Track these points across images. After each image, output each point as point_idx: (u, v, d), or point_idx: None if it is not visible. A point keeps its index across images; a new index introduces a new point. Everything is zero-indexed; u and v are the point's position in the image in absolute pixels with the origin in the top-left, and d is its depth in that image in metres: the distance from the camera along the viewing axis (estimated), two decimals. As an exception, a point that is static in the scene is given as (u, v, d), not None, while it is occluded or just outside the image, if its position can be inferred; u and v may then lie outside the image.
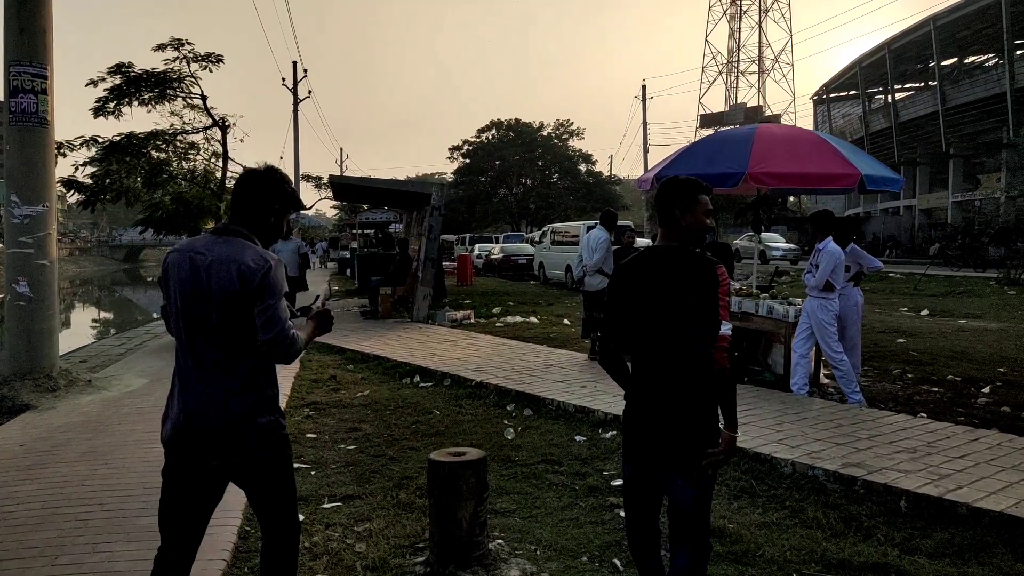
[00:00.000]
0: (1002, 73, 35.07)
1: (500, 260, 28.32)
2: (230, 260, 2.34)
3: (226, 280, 2.32)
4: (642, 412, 2.66)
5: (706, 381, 2.60)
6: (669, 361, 2.61)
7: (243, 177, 2.52)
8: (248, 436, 2.38)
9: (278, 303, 2.35)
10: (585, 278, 9.01)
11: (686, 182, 2.75)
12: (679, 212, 2.69)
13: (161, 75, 23.66)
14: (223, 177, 25.25)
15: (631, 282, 2.70)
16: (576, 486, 4.63)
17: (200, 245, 2.42)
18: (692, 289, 2.61)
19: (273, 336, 2.32)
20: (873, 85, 50.23)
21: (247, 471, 2.43)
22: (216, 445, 2.36)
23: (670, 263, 2.67)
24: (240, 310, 2.33)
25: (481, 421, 6.25)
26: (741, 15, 73.79)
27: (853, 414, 6.02)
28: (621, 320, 2.71)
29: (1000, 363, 8.70)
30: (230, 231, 2.44)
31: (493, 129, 52.32)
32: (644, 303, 2.65)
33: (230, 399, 2.35)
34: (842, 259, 6.79)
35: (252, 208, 2.48)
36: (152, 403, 7.04)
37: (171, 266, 2.43)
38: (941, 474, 4.39)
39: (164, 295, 2.49)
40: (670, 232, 2.73)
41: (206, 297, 2.34)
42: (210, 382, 2.36)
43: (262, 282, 2.32)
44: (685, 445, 2.57)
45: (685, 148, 8.23)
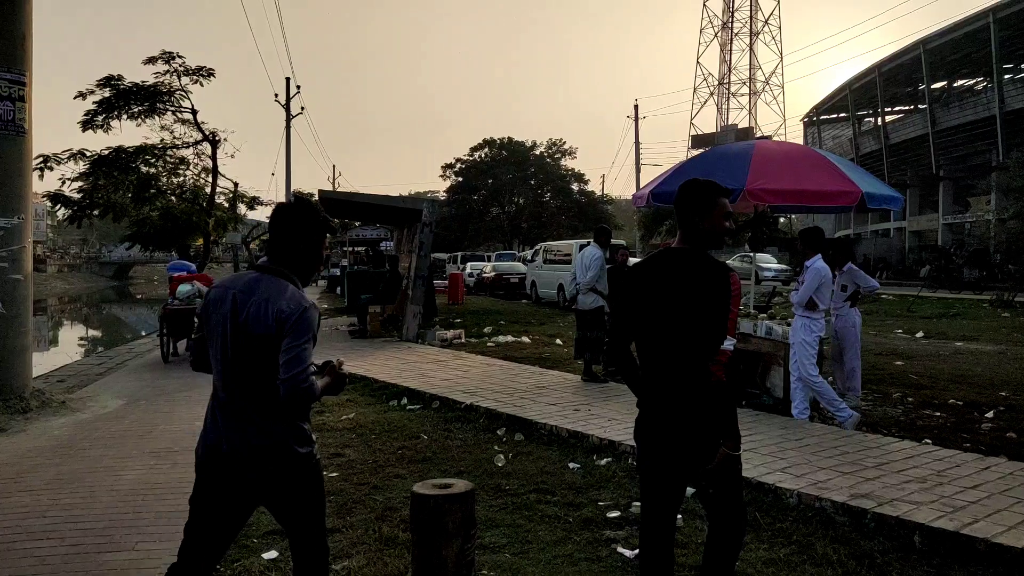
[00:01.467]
0: (991, 96, 35.38)
1: (492, 279, 28.11)
2: (268, 301, 2.43)
3: (264, 321, 2.41)
4: (659, 418, 2.65)
5: (706, 384, 2.60)
6: (677, 363, 2.60)
7: (275, 214, 2.58)
8: (285, 464, 2.47)
9: (305, 345, 2.41)
10: (578, 296, 8.79)
11: (705, 184, 2.71)
12: (698, 216, 2.66)
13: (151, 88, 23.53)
14: (212, 193, 25.05)
15: (645, 282, 2.68)
16: (570, 518, 4.37)
17: (243, 283, 2.51)
18: (704, 295, 2.59)
19: (292, 375, 2.36)
20: (863, 107, 50.64)
21: (283, 498, 2.52)
22: (251, 472, 2.45)
23: (685, 266, 2.64)
24: (273, 350, 2.41)
25: (470, 446, 5.98)
26: (732, 37, 74.51)
27: (857, 440, 5.80)
28: (631, 319, 2.70)
29: (1001, 387, 8.52)
30: (271, 270, 2.52)
31: (486, 147, 52.38)
32: (656, 304, 2.63)
33: (265, 429, 2.44)
34: (828, 278, 6.61)
35: (289, 244, 2.54)
36: (126, 426, 6.75)
37: (212, 301, 2.52)
38: (955, 506, 4.16)
39: (201, 328, 2.59)
40: (688, 235, 2.69)
41: (245, 335, 2.44)
42: (246, 413, 2.45)
43: (295, 323, 2.40)
44: (708, 441, 2.59)
45: (681, 164, 8.07)
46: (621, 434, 5.94)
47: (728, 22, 73.93)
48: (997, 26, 33.54)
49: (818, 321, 6.61)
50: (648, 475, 2.76)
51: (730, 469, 2.67)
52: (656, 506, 2.75)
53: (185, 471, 5.31)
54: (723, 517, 2.76)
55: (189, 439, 6.20)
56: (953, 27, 36.66)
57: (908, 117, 46.89)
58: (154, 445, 6.04)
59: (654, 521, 2.77)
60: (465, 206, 50.97)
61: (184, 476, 5.19)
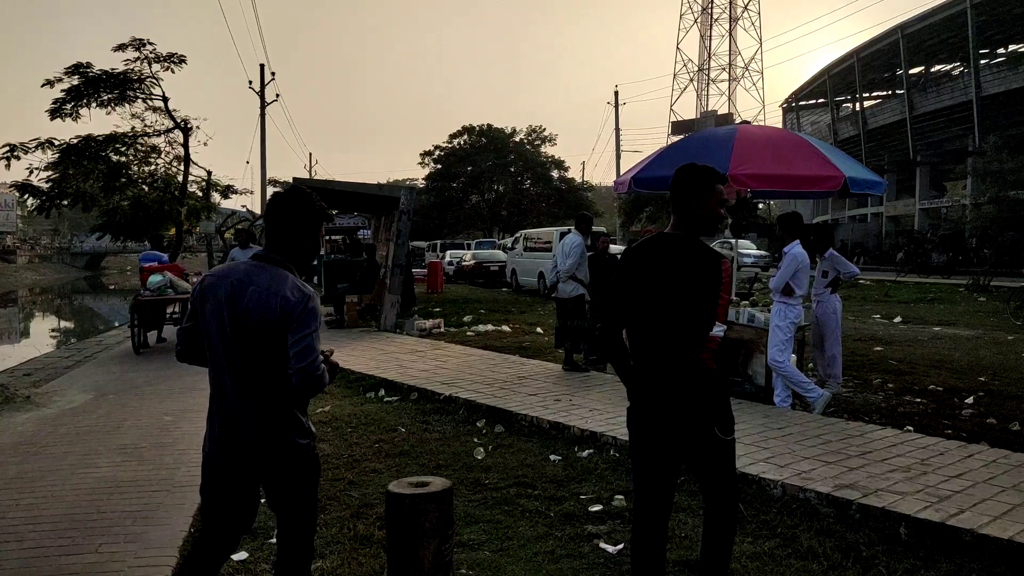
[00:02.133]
0: (968, 81, 35.65)
1: (472, 267, 27.92)
2: (270, 291, 2.40)
3: (267, 310, 2.39)
4: (651, 404, 2.66)
5: (698, 370, 2.63)
6: (670, 349, 2.62)
7: (271, 203, 2.56)
8: (285, 455, 2.47)
9: (314, 334, 2.41)
10: (558, 285, 8.67)
11: (703, 170, 2.72)
12: (696, 201, 2.68)
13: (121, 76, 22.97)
14: (184, 181, 24.57)
15: (638, 267, 2.70)
16: (551, 512, 4.27)
17: (240, 272, 2.48)
18: (697, 281, 2.61)
19: (306, 365, 2.37)
20: (841, 93, 50.88)
21: (279, 487, 2.52)
22: (253, 461, 2.46)
23: (679, 252, 2.66)
24: (275, 339, 2.40)
25: (449, 439, 5.85)
26: (712, 23, 74.47)
27: (840, 429, 5.75)
28: (624, 305, 2.71)
29: (979, 372, 8.55)
30: (269, 259, 2.51)
31: (465, 135, 51.90)
32: (650, 289, 2.65)
33: (265, 420, 2.44)
34: (805, 264, 6.56)
35: (285, 233, 2.52)
36: (93, 422, 6.53)
37: (208, 290, 2.48)
38: (940, 496, 4.11)
39: (193, 317, 2.53)
40: (683, 220, 2.72)
41: (245, 324, 2.41)
42: (245, 404, 2.44)
43: (302, 313, 2.39)
44: (701, 426, 2.62)
45: (663, 149, 7.95)
46: (602, 425, 5.84)
47: (708, 7, 73.87)
48: (974, 11, 33.75)
49: (794, 307, 6.56)
50: (641, 463, 2.75)
51: (723, 454, 2.73)
52: (650, 495, 2.74)
53: (152, 468, 5.14)
54: (717, 503, 2.79)
55: (157, 434, 6.02)
56: (931, 12, 36.84)
57: (886, 102, 47.18)
58: (121, 441, 5.85)
59: (647, 511, 2.75)
60: (444, 194, 50.55)
61: (151, 473, 5.02)
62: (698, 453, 2.73)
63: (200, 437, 5.89)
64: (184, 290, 11.96)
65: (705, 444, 2.69)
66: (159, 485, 4.77)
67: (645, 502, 2.76)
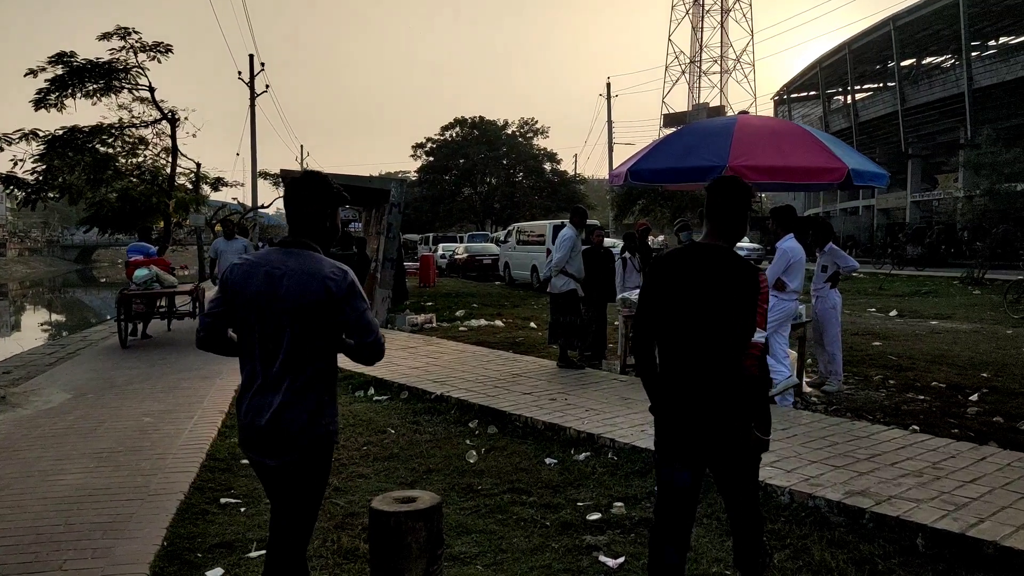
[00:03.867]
0: (960, 74, 35.53)
1: (464, 260, 27.67)
2: (310, 273, 2.43)
3: (310, 292, 2.41)
4: (683, 408, 2.67)
5: (737, 377, 2.66)
6: (710, 359, 2.65)
7: (289, 189, 2.57)
8: (305, 438, 2.46)
9: (367, 307, 2.49)
10: (551, 279, 8.43)
11: (745, 184, 2.83)
12: (740, 213, 2.76)
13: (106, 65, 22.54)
14: (172, 173, 24.17)
15: (675, 275, 2.72)
16: (547, 522, 4.05)
17: (273, 258, 2.49)
18: (737, 292, 2.65)
19: (373, 339, 2.48)
20: (833, 85, 50.71)
21: (294, 472, 2.49)
22: (276, 444, 2.45)
23: (719, 263, 2.70)
24: (319, 321, 2.43)
25: (441, 441, 5.62)
26: (704, 15, 74.11)
27: (845, 429, 5.55)
28: (657, 313, 2.73)
29: (981, 367, 8.38)
30: (297, 243, 2.52)
31: (457, 127, 51.49)
32: (687, 298, 2.68)
33: (294, 404, 2.44)
34: (799, 258, 6.37)
35: (307, 217, 2.54)
36: (69, 424, 6.27)
37: (239, 278, 2.49)
38: (956, 503, 3.91)
39: (221, 304, 2.54)
40: (722, 231, 2.76)
41: (282, 308, 2.42)
42: (276, 389, 2.45)
43: (350, 290, 2.44)
44: (731, 429, 2.65)
45: (659, 140, 7.71)
46: (599, 426, 5.62)
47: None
48: (966, 3, 33.59)
49: (786, 301, 6.39)
50: (667, 468, 2.74)
51: (751, 462, 2.79)
52: (673, 511, 2.74)
53: (127, 475, 4.89)
54: (745, 506, 2.84)
55: (135, 438, 5.76)
56: (923, 3, 36.63)
57: (877, 95, 47.04)
58: (97, 445, 5.59)
59: (670, 528, 2.74)
60: (436, 186, 50.14)
61: (126, 481, 4.77)
62: (727, 458, 2.74)
63: (180, 439, 5.70)
64: (170, 284, 11.68)
65: (736, 448, 2.71)
66: (133, 493, 4.52)
67: (666, 518, 2.76)
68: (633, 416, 5.94)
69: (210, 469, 4.96)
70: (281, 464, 2.48)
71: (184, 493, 4.48)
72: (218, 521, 4.10)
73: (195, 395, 7.20)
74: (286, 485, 2.51)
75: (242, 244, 11.67)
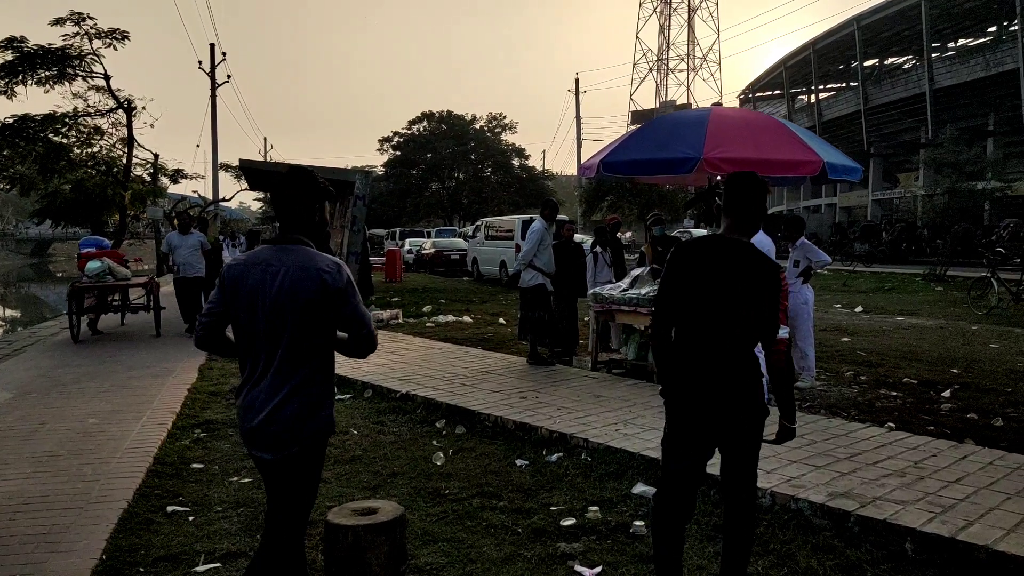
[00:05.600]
0: (922, 74, 36.16)
1: (432, 255, 27.30)
2: (306, 268, 2.46)
3: (307, 287, 2.44)
4: (695, 391, 2.78)
5: (749, 366, 2.78)
6: (721, 344, 2.75)
7: (276, 185, 2.60)
8: (306, 432, 2.48)
9: (360, 300, 2.53)
10: (521, 274, 8.21)
11: (762, 179, 2.90)
12: (759, 207, 2.85)
13: (59, 52, 21.68)
14: (128, 164, 23.38)
15: (696, 264, 2.81)
16: (519, 528, 3.82)
17: (268, 255, 2.51)
18: (755, 285, 2.76)
19: (368, 331, 2.52)
20: (798, 85, 51.32)
21: (293, 465, 2.50)
22: (275, 438, 2.46)
23: (739, 256, 2.79)
24: (316, 315, 2.46)
25: (406, 442, 5.36)
26: (671, 13, 74.58)
27: (823, 427, 5.42)
28: (676, 301, 2.83)
29: (951, 363, 8.38)
30: (290, 239, 2.54)
31: (424, 121, 50.93)
32: (707, 287, 2.77)
33: (294, 398, 2.46)
34: (770, 252, 6.24)
35: (297, 213, 2.56)
36: (8, 425, 5.86)
37: (237, 276, 2.51)
38: (943, 505, 3.78)
39: (220, 304, 2.55)
40: (741, 225, 2.86)
41: (281, 304, 2.45)
42: (276, 384, 2.47)
43: (347, 283, 2.48)
44: (740, 417, 2.76)
45: (632, 132, 7.52)
46: (572, 425, 5.42)
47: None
48: (928, 3, 34.16)
49: None
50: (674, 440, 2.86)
51: (753, 442, 2.85)
52: (679, 469, 2.85)
53: (67, 480, 4.53)
54: (740, 495, 2.89)
55: (77, 440, 5.39)
56: (886, 4, 37.20)
57: (841, 94, 47.70)
58: (36, 448, 5.21)
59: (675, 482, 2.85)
60: (403, 181, 49.55)
61: (65, 487, 4.42)
62: (732, 443, 2.83)
63: (126, 442, 5.35)
64: (123, 276, 11.22)
65: (742, 435, 2.80)
66: (72, 501, 4.18)
67: (670, 488, 2.88)
68: (606, 415, 5.74)
69: (157, 474, 4.64)
70: (282, 458, 2.49)
71: (128, 501, 4.16)
72: (163, 532, 3.80)
73: (145, 394, 6.82)
74: (286, 478, 2.52)
75: (197, 239, 11.15)
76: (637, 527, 3.77)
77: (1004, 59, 31.10)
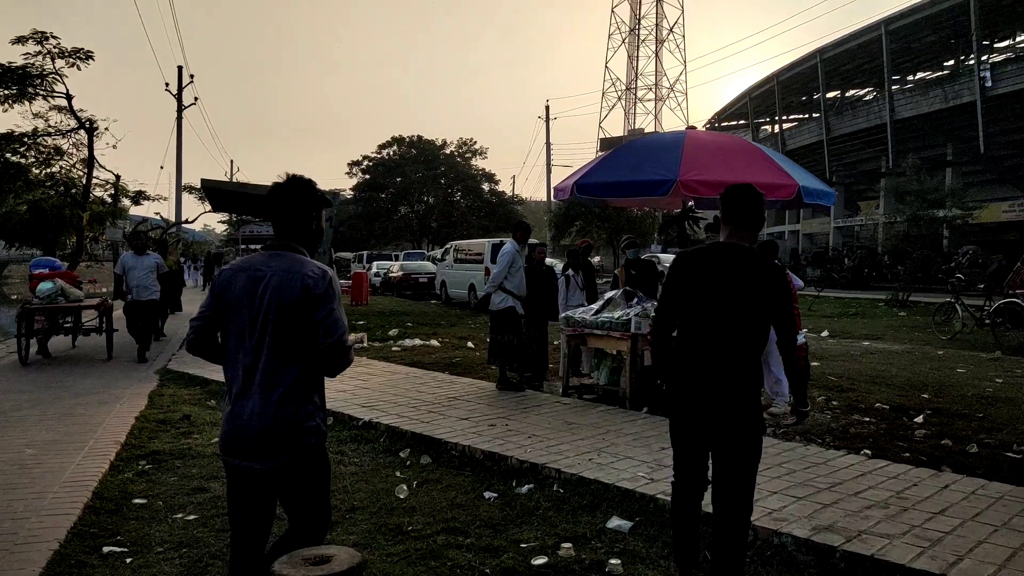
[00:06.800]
0: (882, 105, 37.06)
1: (400, 278, 26.94)
2: (291, 272, 2.47)
3: (290, 291, 2.45)
4: (696, 392, 2.88)
5: (752, 370, 2.87)
6: (724, 347, 2.82)
7: (274, 193, 2.60)
8: (295, 441, 2.47)
9: (340, 308, 2.51)
10: (491, 297, 7.99)
11: (757, 190, 3.04)
12: (757, 215, 2.96)
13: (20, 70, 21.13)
14: (87, 184, 22.77)
15: (699, 270, 2.89)
16: (487, 568, 3.56)
17: (256, 262, 2.55)
18: (759, 288, 2.83)
19: (336, 339, 2.46)
20: (762, 115, 52.34)
21: (289, 476, 2.51)
22: (264, 447, 2.44)
23: (742, 261, 2.86)
24: (299, 319, 2.45)
25: (367, 474, 5.07)
26: (639, 44, 75.81)
27: (800, 455, 5.27)
28: (678, 305, 2.94)
29: (920, 388, 8.35)
30: (282, 246, 2.57)
31: (395, 145, 50.79)
32: (711, 292, 2.85)
33: (280, 404, 2.45)
34: None
35: (293, 221, 2.58)
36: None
37: (225, 281, 2.55)
38: (929, 538, 3.62)
39: (210, 308, 2.58)
40: (745, 233, 2.96)
41: (265, 310, 2.46)
42: (262, 389, 2.46)
43: (326, 289, 2.47)
44: (735, 426, 2.85)
45: (607, 155, 7.42)
46: (543, 454, 5.18)
47: (635, 29, 75.18)
48: (888, 38, 35.13)
49: None
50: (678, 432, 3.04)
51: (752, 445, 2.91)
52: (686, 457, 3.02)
53: (-6, 520, 4.15)
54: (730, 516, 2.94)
55: (12, 474, 4.99)
56: (848, 37, 38.17)
57: (804, 124, 48.69)
58: (-36, 483, 4.81)
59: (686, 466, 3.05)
60: (372, 204, 49.20)
61: (-9, 527, 4.04)
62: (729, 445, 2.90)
63: (65, 475, 4.96)
64: (76, 298, 10.75)
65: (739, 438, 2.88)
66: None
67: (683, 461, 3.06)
68: (579, 443, 5.52)
69: (95, 511, 4.28)
70: (282, 465, 2.47)
71: (60, 541, 3.81)
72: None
73: (90, 423, 6.42)
74: (294, 486, 2.53)
75: (154, 261, 10.63)
76: (612, 565, 3.54)
77: (962, 92, 32.02)
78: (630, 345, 6.83)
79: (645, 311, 6.97)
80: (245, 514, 2.57)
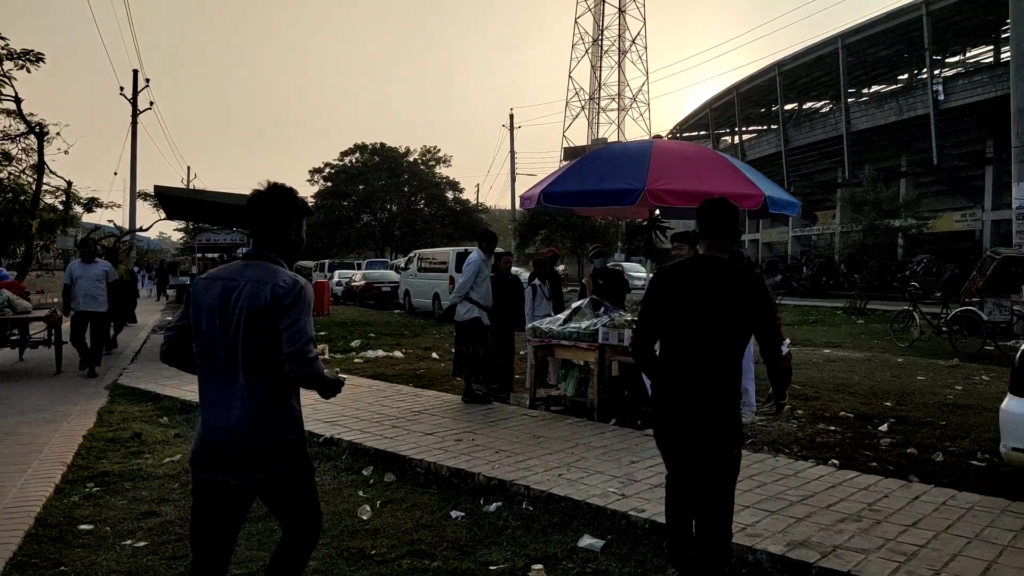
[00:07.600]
0: (839, 118, 37.93)
1: (362, 287, 26.59)
2: (263, 282, 2.44)
3: (259, 300, 2.42)
4: (679, 407, 2.94)
5: (731, 379, 2.92)
6: (704, 358, 2.88)
7: (253, 201, 2.55)
8: (274, 452, 2.44)
9: (306, 319, 2.45)
10: (456, 307, 7.84)
11: (732, 203, 3.11)
12: (733, 227, 3.02)
13: (-36, 73, 20.36)
14: (37, 191, 22.01)
15: (679, 282, 2.95)
16: (455, 593, 3.42)
17: (230, 272, 2.52)
18: (738, 298, 2.87)
19: (298, 348, 2.38)
20: (722, 126, 53.20)
21: (272, 487, 2.49)
22: (241, 461, 2.41)
23: (721, 272, 2.90)
24: (269, 329, 2.41)
25: (328, 494, 4.86)
26: (602, 55, 76.53)
27: (770, 466, 5.23)
28: (659, 317, 2.99)
29: (883, 396, 8.43)
30: (258, 255, 2.54)
31: (357, 152, 50.35)
32: (691, 303, 2.90)
33: (256, 416, 2.42)
34: None
35: (272, 230, 2.54)
36: None
37: (199, 291, 2.52)
38: (905, 552, 3.58)
39: (185, 316, 2.56)
40: (724, 245, 3.03)
41: (236, 319, 2.43)
42: (236, 400, 2.43)
43: (294, 299, 2.42)
44: (712, 439, 2.90)
45: (573, 163, 7.35)
46: (512, 470, 5.05)
47: (598, 39, 75.89)
48: (845, 52, 36.01)
49: None
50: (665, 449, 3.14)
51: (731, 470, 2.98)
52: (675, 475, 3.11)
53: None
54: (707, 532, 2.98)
55: (-55, 500, 4.68)
56: (806, 51, 39.04)
57: (763, 136, 49.61)
58: None
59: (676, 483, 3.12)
60: (334, 212, 48.65)
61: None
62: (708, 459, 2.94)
63: (5, 500, 4.67)
64: (23, 309, 10.28)
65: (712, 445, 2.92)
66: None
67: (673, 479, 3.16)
68: (548, 458, 5.40)
69: (37, 539, 4.01)
70: (265, 478, 2.43)
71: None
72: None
73: (34, 443, 6.09)
74: (282, 494, 2.51)
75: (102, 269, 10.11)
76: (585, 587, 3.43)
77: (916, 105, 32.93)
78: (598, 356, 6.75)
79: (613, 321, 6.89)
80: (211, 534, 2.50)
